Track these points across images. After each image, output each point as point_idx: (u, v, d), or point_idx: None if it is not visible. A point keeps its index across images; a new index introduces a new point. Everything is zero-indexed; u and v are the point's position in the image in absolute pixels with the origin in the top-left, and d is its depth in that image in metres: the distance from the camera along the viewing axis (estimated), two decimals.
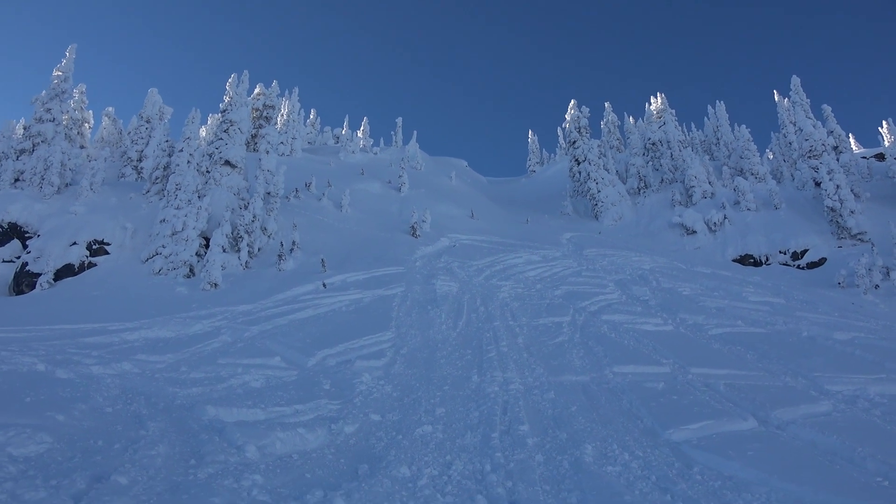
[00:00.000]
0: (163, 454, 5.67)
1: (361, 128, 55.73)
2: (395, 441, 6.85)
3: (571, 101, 42.34)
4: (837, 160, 31.04)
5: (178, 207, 21.51)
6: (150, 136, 30.82)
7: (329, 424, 7.18)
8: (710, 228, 30.69)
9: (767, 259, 27.05)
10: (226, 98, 26.72)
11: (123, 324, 12.92)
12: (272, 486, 5.28)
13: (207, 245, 21.25)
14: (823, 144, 31.33)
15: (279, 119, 46.65)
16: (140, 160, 30.76)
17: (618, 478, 5.77)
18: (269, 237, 23.32)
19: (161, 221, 21.41)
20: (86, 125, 34.27)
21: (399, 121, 56.43)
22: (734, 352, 11.08)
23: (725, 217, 30.52)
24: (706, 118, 48.68)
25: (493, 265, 21.48)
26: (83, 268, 20.26)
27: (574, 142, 41.37)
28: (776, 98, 37.81)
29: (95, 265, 20.48)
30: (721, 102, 47.03)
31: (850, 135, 46.11)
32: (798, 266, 25.87)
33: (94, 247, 20.99)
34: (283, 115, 46.82)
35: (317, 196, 30.36)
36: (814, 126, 32.30)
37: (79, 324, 12.83)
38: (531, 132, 64.87)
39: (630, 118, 47.02)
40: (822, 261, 25.38)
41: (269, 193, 24.26)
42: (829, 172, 27.30)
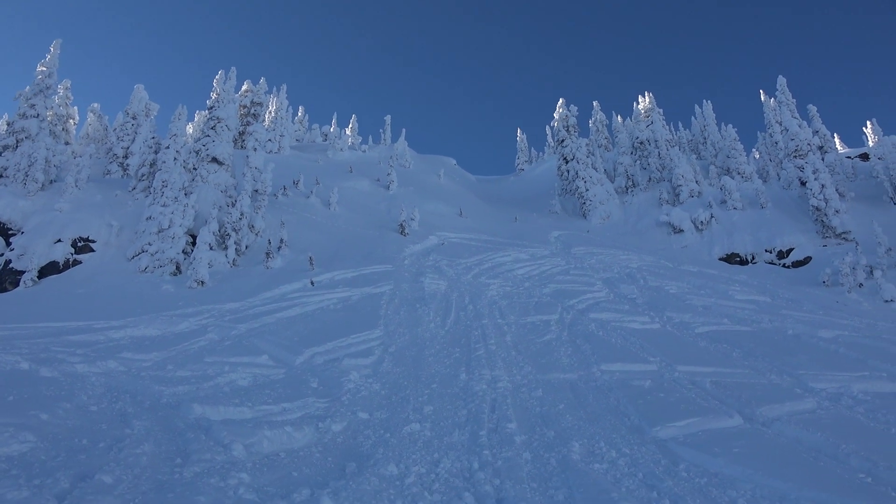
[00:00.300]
0: (148, 453, 5.62)
1: (350, 125, 55.54)
2: (383, 439, 6.84)
3: (560, 100, 42.43)
4: (822, 160, 31.35)
5: (165, 205, 21.34)
6: (137, 133, 30.56)
7: (316, 423, 7.16)
8: (697, 227, 30.89)
9: (753, 258, 27.27)
10: (213, 95, 26.54)
11: (109, 322, 12.80)
12: (259, 485, 5.25)
13: (194, 243, 21.12)
14: (809, 144, 31.61)
15: (267, 116, 46.40)
16: (126, 157, 30.49)
17: (605, 475, 5.79)
18: (257, 235, 23.20)
19: (147, 219, 21.23)
20: (71, 121, 33.90)
21: (388, 118, 56.36)
22: (720, 350, 11.17)
23: (712, 216, 30.72)
24: (693, 117, 48.92)
25: (482, 263, 21.50)
26: (68, 265, 20.06)
27: (562, 140, 41.46)
28: (762, 98, 38.08)
29: (80, 263, 20.28)
30: (708, 102, 47.27)
31: (835, 135, 46.53)
32: (784, 265, 26.11)
33: (80, 244, 20.77)
34: (271, 113, 46.57)
35: (305, 194, 30.24)
36: (799, 126, 32.58)
37: (63, 322, 12.70)
38: (520, 130, 65.02)
39: (618, 117, 47.15)
40: (808, 259, 25.63)
41: (257, 191, 24.12)
42: (815, 172, 27.56)
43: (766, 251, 27.12)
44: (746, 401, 7.92)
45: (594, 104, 50.61)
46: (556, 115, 42.26)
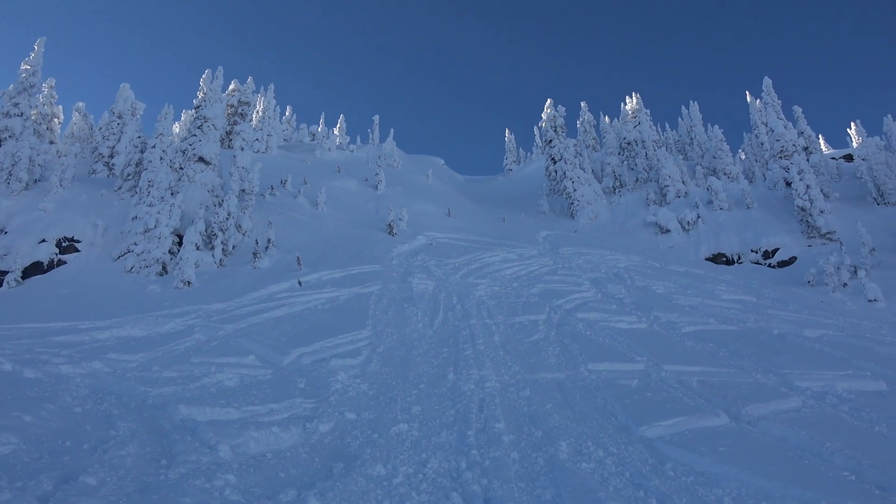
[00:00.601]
0: (133, 454, 5.58)
1: (338, 125, 55.40)
2: (371, 439, 6.82)
3: (548, 101, 42.54)
4: (808, 161, 31.66)
5: (151, 204, 21.17)
6: (122, 132, 30.26)
7: (304, 423, 7.13)
8: (684, 227, 31.08)
9: (739, 258, 27.48)
10: (200, 94, 26.37)
11: (94, 322, 12.67)
12: (245, 486, 5.22)
13: (181, 243, 20.96)
14: (794, 145, 31.91)
15: (254, 116, 46.20)
16: (112, 156, 30.21)
17: (592, 474, 5.81)
18: (244, 235, 23.07)
19: (133, 219, 21.06)
20: (55, 120, 33.60)
21: (376, 118, 56.25)
22: (707, 349, 11.24)
23: (699, 216, 30.92)
24: (680, 118, 49.24)
25: (470, 263, 21.51)
26: (52, 265, 19.85)
27: (550, 141, 41.57)
28: (748, 99, 38.44)
29: (65, 263, 20.07)
30: (695, 103, 47.50)
31: (820, 136, 47.04)
32: (769, 264, 26.32)
33: (64, 244, 20.56)
34: (259, 112, 46.36)
35: (292, 194, 30.11)
36: (785, 127, 32.88)
37: (48, 322, 12.55)
38: (508, 131, 65.00)
39: (606, 118, 47.36)
40: (793, 259, 25.85)
41: (244, 191, 23.98)
42: (800, 173, 27.82)
43: (752, 251, 27.33)
44: (732, 400, 7.98)
45: (582, 104, 50.85)
46: (545, 116, 42.36)
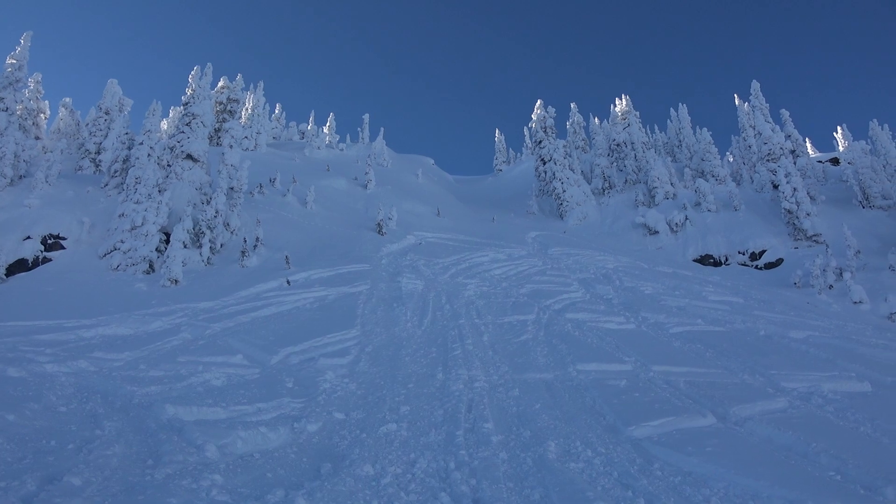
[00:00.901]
0: (119, 454, 5.53)
1: (328, 124, 55.15)
2: (359, 439, 6.80)
3: (538, 101, 42.60)
4: (795, 164, 31.90)
5: (138, 202, 20.99)
6: (110, 129, 30.05)
7: (292, 423, 7.10)
8: (672, 229, 31.25)
9: (727, 259, 27.66)
10: (188, 91, 26.20)
11: (80, 321, 12.56)
12: (232, 486, 5.18)
13: (168, 241, 20.79)
14: (781, 148, 32.17)
15: (243, 113, 45.92)
16: (98, 153, 29.97)
17: (580, 474, 5.82)
18: (232, 233, 22.93)
19: (120, 216, 20.88)
20: (41, 116, 33.13)
21: (366, 117, 56.05)
22: (694, 350, 11.31)
23: (687, 218, 31.10)
24: (669, 120, 49.46)
25: (459, 263, 21.51)
26: (37, 263, 19.64)
27: (540, 141, 41.64)
28: (737, 102, 38.70)
29: (50, 260, 19.86)
30: (683, 105, 47.77)
31: (807, 139, 47.41)
32: (756, 266, 26.52)
33: (50, 241, 20.35)
34: (248, 110, 46.08)
35: (281, 192, 29.95)
36: (772, 130, 33.14)
37: (32, 320, 12.42)
38: (498, 131, 65.20)
39: (595, 119, 47.48)
40: (780, 261, 26.06)
41: (233, 188, 23.83)
42: (787, 175, 28.04)
43: (740, 253, 27.53)
44: (719, 400, 8.03)
45: (572, 106, 50.96)
46: (534, 117, 42.43)
